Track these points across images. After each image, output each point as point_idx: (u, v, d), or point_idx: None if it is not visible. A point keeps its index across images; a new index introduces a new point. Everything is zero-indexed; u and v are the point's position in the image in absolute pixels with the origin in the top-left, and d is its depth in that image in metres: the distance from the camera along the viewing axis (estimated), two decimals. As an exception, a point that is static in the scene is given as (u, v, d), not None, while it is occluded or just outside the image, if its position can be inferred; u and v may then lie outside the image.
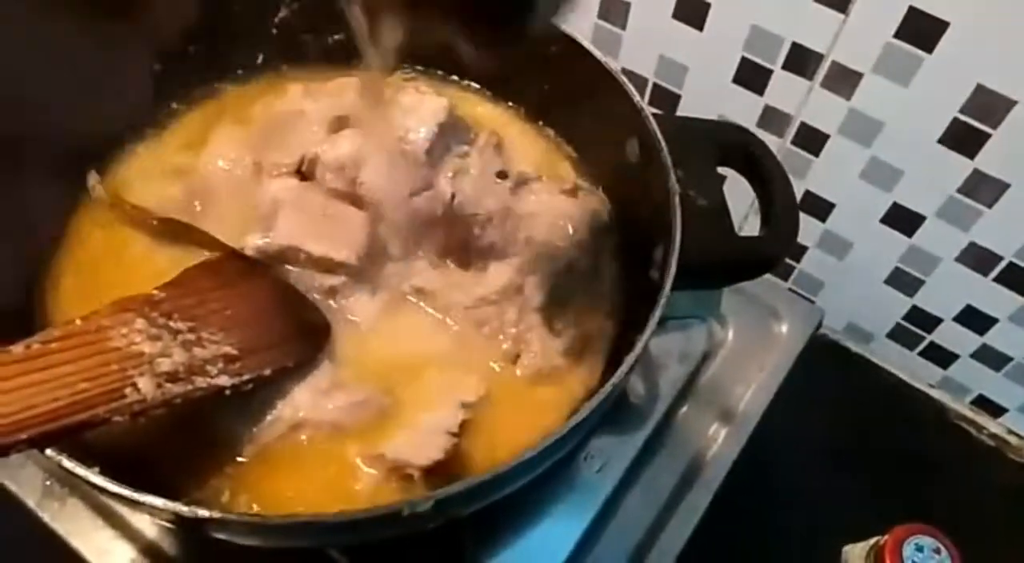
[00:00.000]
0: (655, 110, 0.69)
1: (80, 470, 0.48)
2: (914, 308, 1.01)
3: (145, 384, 0.53)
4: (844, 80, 0.86)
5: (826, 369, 1.00)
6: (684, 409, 0.81)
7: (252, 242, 0.66)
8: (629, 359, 0.55)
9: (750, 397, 0.82)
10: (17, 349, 0.50)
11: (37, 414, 0.48)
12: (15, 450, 0.47)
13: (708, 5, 0.88)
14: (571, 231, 0.71)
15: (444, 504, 0.50)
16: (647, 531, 0.73)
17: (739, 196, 0.73)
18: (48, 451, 0.48)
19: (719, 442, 0.79)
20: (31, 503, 0.69)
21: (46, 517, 0.68)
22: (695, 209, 0.65)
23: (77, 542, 0.68)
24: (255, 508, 0.58)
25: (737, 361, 0.84)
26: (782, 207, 0.66)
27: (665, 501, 0.75)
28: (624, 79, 0.71)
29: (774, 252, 0.65)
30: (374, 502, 0.59)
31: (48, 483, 0.69)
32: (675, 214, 0.62)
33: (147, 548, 0.68)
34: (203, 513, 0.47)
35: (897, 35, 0.79)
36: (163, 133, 0.76)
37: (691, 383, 0.82)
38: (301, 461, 0.60)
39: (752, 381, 0.83)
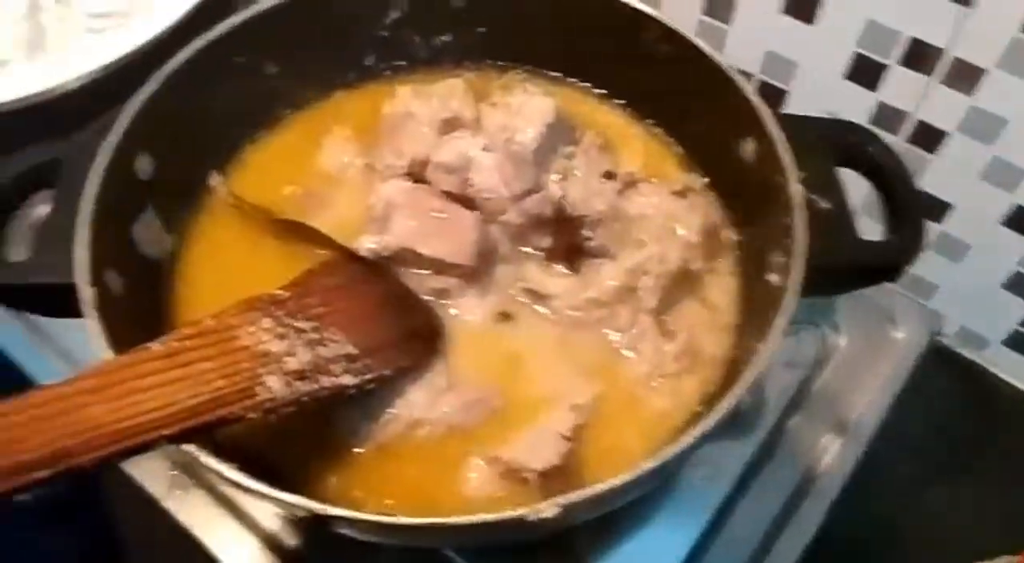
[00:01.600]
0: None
1: (217, 465, 0.49)
2: (1034, 313, 0.97)
3: (275, 383, 0.54)
4: (966, 76, 0.82)
5: (936, 375, 0.96)
6: (795, 418, 0.79)
7: (366, 243, 0.67)
8: (753, 370, 0.54)
9: (865, 407, 0.79)
10: (155, 347, 0.52)
11: (177, 411, 0.50)
12: (156, 446, 0.49)
13: (820, -1, 0.86)
14: (682, 233, 0.70)
15: (570, 511, 0.49)
16: (759, 544, 0.72)
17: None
18: (185, 446, 0.50)
19: (833, 453, 0.77)
20: (157, 494, 0.71)
21: (171, 508, 0.71)
22: (817, 212, 0.63)
23: (200, 533, 0.70)
24: (366, 503, 0.59)
25: (851, 369, 0.81)
26: (907, 212, 0.64)
27: (777, 513, 0.73)
28: (738, 77, 0.69)
29: (900, 259, 0.62)
30: (486, 503, 0.60)
31: (174, 474, 0.72)
32: (799, 218, 0.60)
33: (268, 539, 0.70)
34: (335, 511, 0.48)
35: (1026, 28, 0.75)
36: (278, 135, 0.78)
37: (802, 391, 0.80)
38: (415, 459, 0.61)
39: (867, 390, 0.80)
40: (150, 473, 0.72)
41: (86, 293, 0.56)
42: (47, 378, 0.75)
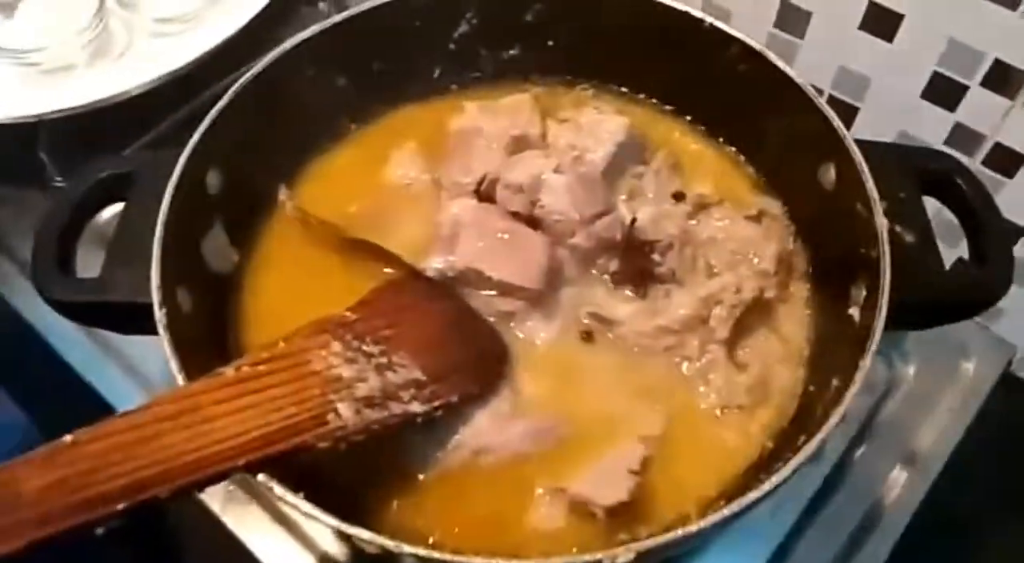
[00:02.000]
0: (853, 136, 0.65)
1: (293, 499, 0.49)
2: (1106, 344, 0.93)
3: (345, 410, 0.53)
4: (1052, 100, 0.79)
5: (1000, 401, 0.93)
6: (862, 449, 0.77)
7: (433, 264, 0.66)
8: (837, 412, 0.52)
9: (935, 439, 0.77)
10: (228, 371, 0.52)
11: (252, 439, 0.49)
12: (231, 476, 0.49)
13: (901, 16, 0.82)
14: (756, 261, 0.68)
15: (644, 557, 0.48)
16: (823, 580, 0.70)
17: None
18: (261, 477, 0.50)
19: (900, 487, 0.75)
20: (216, 508, 0.71)
21: (229, 523, 0.71)
22: (902, 245, 0.61)
23: (257, 549, 0.70)
24: (431, 533, 0.58)
25: (919, 399, 0.79)
26: (996, 245, 0.62)
27: (841, 548, 0.71)
28: (820, 100, 0.67)
29: (989, 298, 0.60)
30: (551, 535, 0.59)
31: (231, 488, 0.71)
32: (884, 251, 0.58)
33: (324, 558, 0.70)
34: (408, 549, 0.47)
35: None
36: (345, 149, 0.77)
37: (869, 421, 0.77)
38: (480, 488, 0.60)
39: (937, 422, 0.78)
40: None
41: (159, 313, 0.56)
42: (115, 395, 0.77)
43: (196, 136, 0.63)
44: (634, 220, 0.69)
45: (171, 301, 0.58)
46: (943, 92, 0.85)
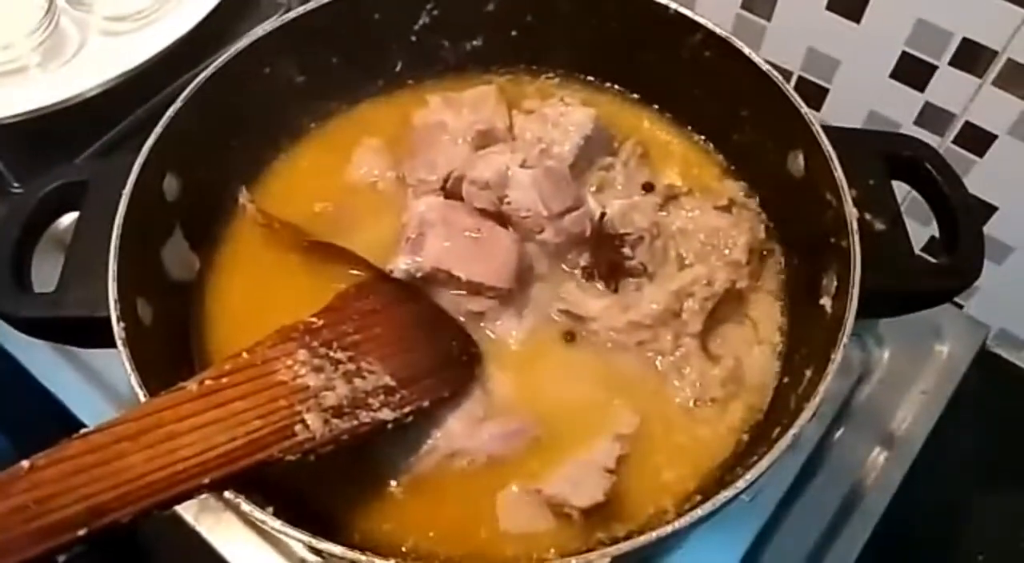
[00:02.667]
0: (816, 115, 0.64)
1: (260, 515, 0.48)
2: (1079, 318, 0.94)
3: (313, 421, 0.52)
4: (1020, 79, 0.78)
5: (974, 375, 0.94)
6: (840, 433, 0.77)
7: (400, 265, 0.65)
8: (811, 406, 0.52)
9: (911, 421, 0.77)
10: (191, 386, 0.51)
11: (217, 456, 0.48)
12: (197, 494, 0.48)
13: (869, -3, 0.82)
14: (727, 251, 0.67)
15: (620, 560, 0.48)
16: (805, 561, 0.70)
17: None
18: (227, 494, 0.49)
19: (879, 469, 0.75)
20: (189, 517, 0.70)
21: (203, 531, 0.70)
22: (872, 233, 0.60)
23: (233, 557, 0.69)
24: (405, 539, 0.57)
25: (895, 382, 0.79)
26: (967, 232, 0.61)
27: (823, 531, 0.71)
28: (787, 86, 0.66)
29: (960, 283, 0.60)
30: (527, 538, 0.58)
31: (203, 498, 0.70)
32: (854, 242, 0.58)
33: (301, 565, 0.69)
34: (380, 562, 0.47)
35: (1088, 31, 0.72)
36: (306, 149, 0.76)
37: (846, 405, 0.77)
38: (454, 492, 0.60)
39: (913, 404, 0.78)
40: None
41: (118, 328, 0.54)
42: (82, 408, 0.75)
43: (149, 142, 0.61)
44: (603, 214, 0.68)
45: (130, 314, 0.56)
46: (912, 72, 0.85)
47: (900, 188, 0.68)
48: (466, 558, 0.56)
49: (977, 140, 0.86)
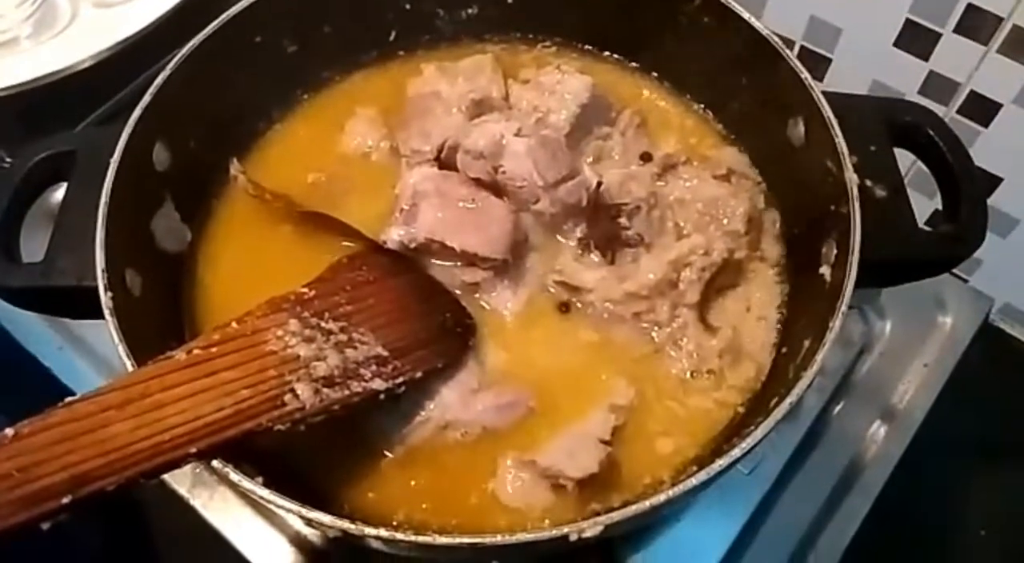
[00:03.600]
0: (818, 85, 0.63)
1: (249, 485, 0.47)
2: (1084, 291, 0.93)
3: (304, 390, 0.52)
4: (1026, 45, 0.77)
5: (978, 349, 0.93)
6: (840, 406, 0.76)
7: (393, 235, 0.64)
8: (808, 374, 0.51)
9: (913, 394, 0.76)
10: (179, 355, 0.50)
11: (204, 425, 0.48)
12: (183, 464, 0.47)
13: (872, -37, 0.80)
14: (725, 221, 0.66)
15: (612, 528, 0.47)
16: (803, 536, 0.69)
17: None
18: (215, 463, 0.48)
19: (879, 442, 0.74)
20: (183, 491, 0.70)
21: (197, 505, 0.69)
22: (873, 200, 0.59)
23: (228, 530, 0.69)
24: (398, 510, 0.57)
25: (897, 355, 0.78)
26: (969, 200, 0.60)
27: (822, 504, 0.71)
28: (787, 51, 0.65)
29: (962, 251, 0.59)
30: (522, 509, 0.58)
31: (197, 471, 0.70)
32: (854, 208, 0.57)
33: (295, 538, 0.69)
34: (370, 531, 0.46)
35: (1097, -5, 0.70)
36: (299, 119, 0.75)
37: (847, 378, 0.76)
38: (448, 463, 0.59)
39: (914, 377, 0.77)
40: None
41: (105, 297, 0.53)
42: (73, 378, 0.75)
43: (137, 111, 0.60)
44: (599, 184, 0.67)
45: (118, 284, 0.55)
46: (916, 40, 0.83)
47: (905, 159, 0.66)
48: (458, 528, 0.56)
49: (982, 110, 0.84)
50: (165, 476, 0.69)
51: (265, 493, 0.47)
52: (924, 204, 0.71)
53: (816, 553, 0.69)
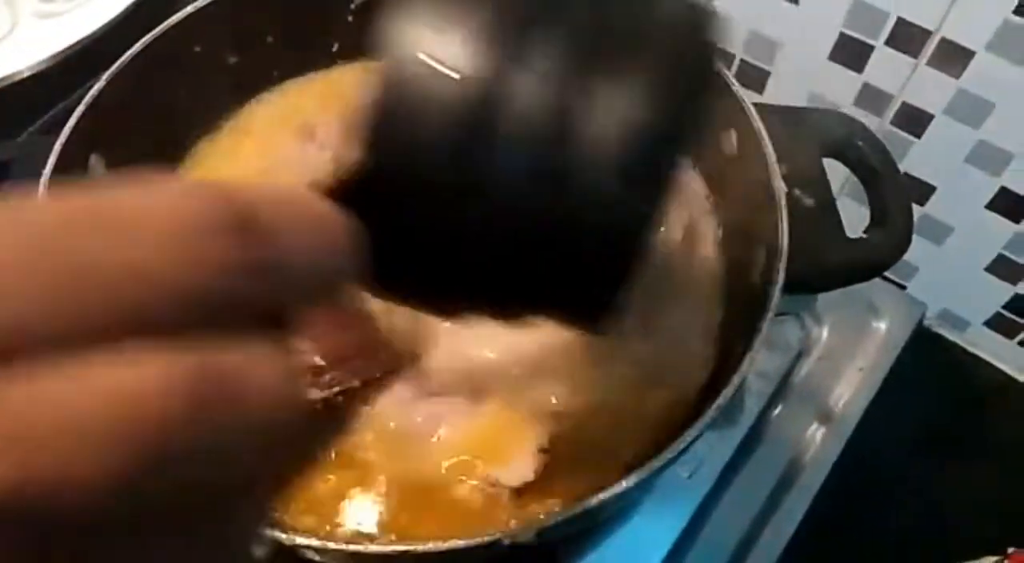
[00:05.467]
0: (756, 96, 0.65)
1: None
2: (1016, 296, 0.95)
3: (238, 401, 0.51)
4: (954, 58, 0.79)
5: (916, 355, 0.95)
6: (778, 410, 0.77)
7: (335, 244, 0.64)
8: (735, 378, 0.52)
9: (849, 397, 0.78)
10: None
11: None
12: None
13: (806, -22, 0.82)
14: (663, 229, 0.68)
15: (546, 533, 0.48)
16: (743, 537, 0.71)
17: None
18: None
19: (816, 444, 0.76)
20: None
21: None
22: (801, 209, 0.61)
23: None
24: (330, 519, 0.57)
25: (833, 359, 0.80)
26: (896, 207, 0.62)
27: (762, 506, 0.72)
28: (720, 64, 0.66)
29: (888, 257, 0.61)
30: (460, 515, 0.58)
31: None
32: (781, 217, 0.58)
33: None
34: (302, 541, 0.46)
35: (1017, 11, 0.73)
36: (240, 131, 0.74)
37: (785, 382, 0.78)
38: (383, 471, 0.59)
39: (850, 381, 0.79)
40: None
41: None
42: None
43: (71, 121, 0.60)
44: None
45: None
46: (850, 53, 0.86)
47: (843, 171, 0.68)
48: (392, 537, 0.56)
49: (915, 120, 0.87)
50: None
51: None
52: (863, 214, 0.73)
53: (756, 553, 0.70)
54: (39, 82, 0.85)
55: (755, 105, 0.63)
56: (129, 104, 0.64)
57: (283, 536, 0.46)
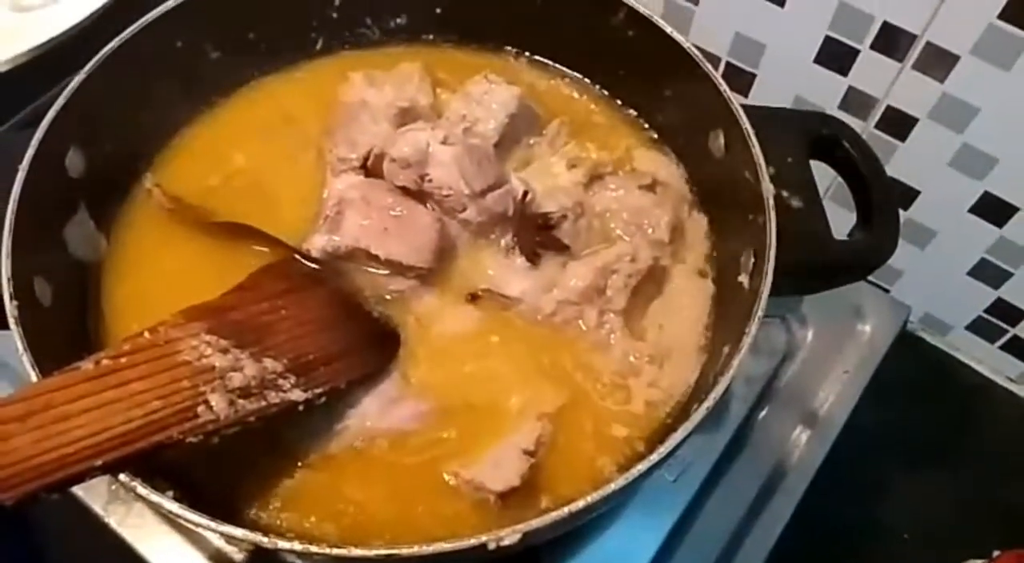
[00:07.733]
0: (742, 99, 0.64)
1: (157, 498, 0.46)
2: (998, 300, 0.96)
3: (218, 401, 0.50)
4: (938, 62, 0.80)
5: (899, 358, 0.96)
6: (764, 413, 0.77)
7: (317, 243, 0.63)
8: (724, 380, 0.52)
9: (833, 400, 0.78)
10: (87, 366, 0.48)
11: (111, 437, 0.46)
12: (87, 478, 0.46)
13: (792, -20, 0.82)
14: (651, 230, 0.67)
15: (531, 536, 0.47)
16: (728, 541, 0.70)
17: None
18: (122, 477, 0.47)
19: (801, 447, 0.76)
20: (97, 508, 0.68)
21: (113, 522, 0.67)
22: (789, 211, 0.61)
23: (145, 549, 0.67)
24: (317, 524, 0.56)
25: (818, 362, 0.80)
26: (881, 211, 0.62)
27: (747, 510, 0.72)
28: (710, 68, 0.66)
29: (874, 260, 0.61)
30: (445, 519, 0.57)
31: (113, 488, 0.68)
32: (770, 218, 0.58)
33: (215, 555, 0.67)
34: (284, 544, 0.45)
35: (1002, 16, 0.73)
36: (221, 123, 0.73)
37: (771, 385, 0.78)
38: (367, 473, 0.58)
39: (835, 383, 0.79)
40: (88, 485, 0.68)
41: (10, 306, 0.52)
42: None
43: (50, 114, 0.59)
44: (527, 193, 0.67)
45: (26, 293, 0.54)
46: (835, 56, 0.86)
47: (830, 173, 0.68)
48: (383, 539, 0.55)
49: (899, 124, 0.87)
50: (78, 492, 0.68)
51: (174, 507, 0.46)
52: (848, 217, 0.73)
53: (741, 557, 0.70)
54: (16, 76, 0.83)
55: (745, 107, 0.63)
56: (108, 99, 0.63)
57: (265, 540, 0.45)
